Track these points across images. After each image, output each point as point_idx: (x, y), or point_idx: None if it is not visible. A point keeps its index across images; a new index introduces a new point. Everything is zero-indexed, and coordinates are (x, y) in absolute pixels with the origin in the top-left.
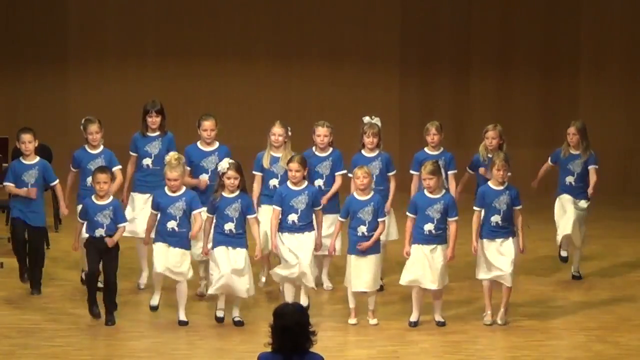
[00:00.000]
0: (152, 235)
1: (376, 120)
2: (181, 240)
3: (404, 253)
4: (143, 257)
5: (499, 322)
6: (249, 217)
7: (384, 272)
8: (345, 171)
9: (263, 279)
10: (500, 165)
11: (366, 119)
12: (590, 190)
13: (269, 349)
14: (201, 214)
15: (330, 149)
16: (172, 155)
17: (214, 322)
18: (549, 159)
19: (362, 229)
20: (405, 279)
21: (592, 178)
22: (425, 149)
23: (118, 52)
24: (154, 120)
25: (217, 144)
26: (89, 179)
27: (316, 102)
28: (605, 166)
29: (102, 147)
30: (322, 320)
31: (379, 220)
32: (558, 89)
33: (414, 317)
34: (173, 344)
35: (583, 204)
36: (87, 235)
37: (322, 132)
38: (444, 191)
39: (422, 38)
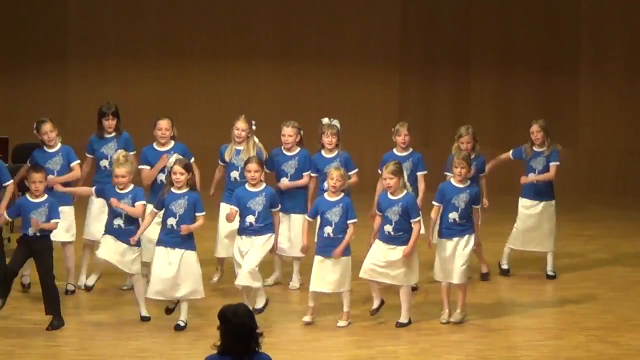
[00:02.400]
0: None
1: (335, 122)
2: (128, 236)
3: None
4: (85, 260)
5: (452, 320)
6: (197, 214)
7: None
8: (310, 172)
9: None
10: (457, 163)
11: (325, 120)
12: (534, 178)
13: (215, 351)
14: (145, 205)
15: (298, 149)
16: (119, 153)
17: (213, 322)
18: (511, 152)
19: (329, 230)
20: (362, 271)
21: (549, 173)
22: (394, 150)
23: (118, 52)
24: (110, 123)
25: (172, 144)
26: (48, 177)
27: (316, 102)
28: (605, 166)
29: (59, 145)
30: (321, 321)
31: (349, 222)
32: (558, 89)
33: (374, 305)
34: (173, 344)
35: (545, 206)
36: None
37: (287, 132)
38: (404, 192)
39: (422, 38)
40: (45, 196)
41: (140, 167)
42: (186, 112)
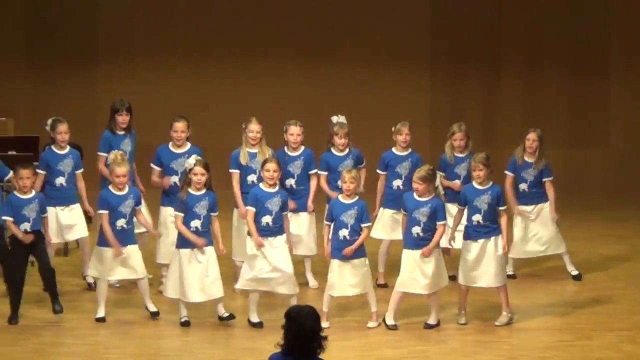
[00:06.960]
0: None
1: (342, 119)
2: (131, 237)
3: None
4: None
5: (498, 323)
6: (212, 214)
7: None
8: (317, 170)
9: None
10: (475, 166)
11: (335, 118)
12: (554, 215)
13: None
14: (141, 210)
15: (302, 148)
16: (116, 152)
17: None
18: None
19: (344, 233)
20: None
21: (550, 194)
22: (393, 149)
23: (147, 51)
24: (124, 118)
25: (188, 146)
26: (58, 180)
27: (346, 103)
28: (636, 166)
29: (69, 148)
30: (347, 321)
31: (363, 225)
32: (588, 88)
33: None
34: (203, 342)
35: (542, 209)
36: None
37: (295, 131)
38: (433, 195)
39: (452, 38)
40: (33, 192)
41: (152, 166)
42: (216, 111)
